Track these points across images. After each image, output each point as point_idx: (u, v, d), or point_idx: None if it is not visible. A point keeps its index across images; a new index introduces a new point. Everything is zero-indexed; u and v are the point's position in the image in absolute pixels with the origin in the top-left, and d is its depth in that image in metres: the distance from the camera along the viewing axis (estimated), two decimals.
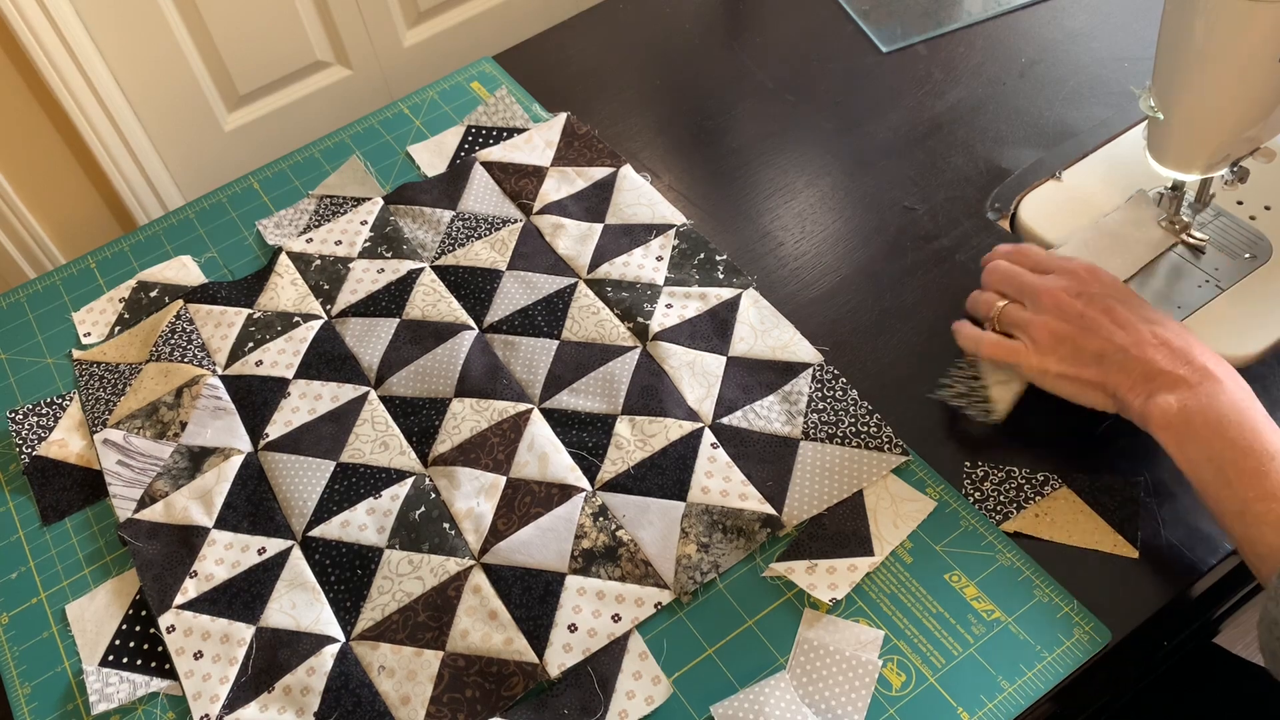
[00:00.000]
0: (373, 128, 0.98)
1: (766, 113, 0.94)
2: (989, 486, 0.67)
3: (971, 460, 0.68)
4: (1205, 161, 0.72)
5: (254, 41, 1.21)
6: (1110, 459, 0.67)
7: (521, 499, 0.69)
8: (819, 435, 0.70)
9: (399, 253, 0.86)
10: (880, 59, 0.97)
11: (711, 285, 0.80)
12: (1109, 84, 0.90)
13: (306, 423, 0.75)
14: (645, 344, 0.76)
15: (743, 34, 1.02)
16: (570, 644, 0.62)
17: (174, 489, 0.73)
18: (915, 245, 0.81)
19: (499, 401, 0.74)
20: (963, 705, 0.58)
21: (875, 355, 0.75)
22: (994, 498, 0.66)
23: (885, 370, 0.74)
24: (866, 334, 0.76)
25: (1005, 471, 0.67)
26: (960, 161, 0.87)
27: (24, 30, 1.03)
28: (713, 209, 0.86)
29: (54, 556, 0.72)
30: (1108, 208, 0.81)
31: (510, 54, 1.04)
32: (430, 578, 0.66)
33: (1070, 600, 0.61)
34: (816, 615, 0.62)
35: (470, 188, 0.90)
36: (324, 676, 0.63)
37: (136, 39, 1.13)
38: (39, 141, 1.13)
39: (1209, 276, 0.76)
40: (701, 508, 0.67)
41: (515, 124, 0.96)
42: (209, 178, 1.24)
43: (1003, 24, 0.98)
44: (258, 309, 0.84)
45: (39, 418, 0.79)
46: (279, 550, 0.69)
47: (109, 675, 0.65)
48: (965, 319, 0.71)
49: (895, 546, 0.65)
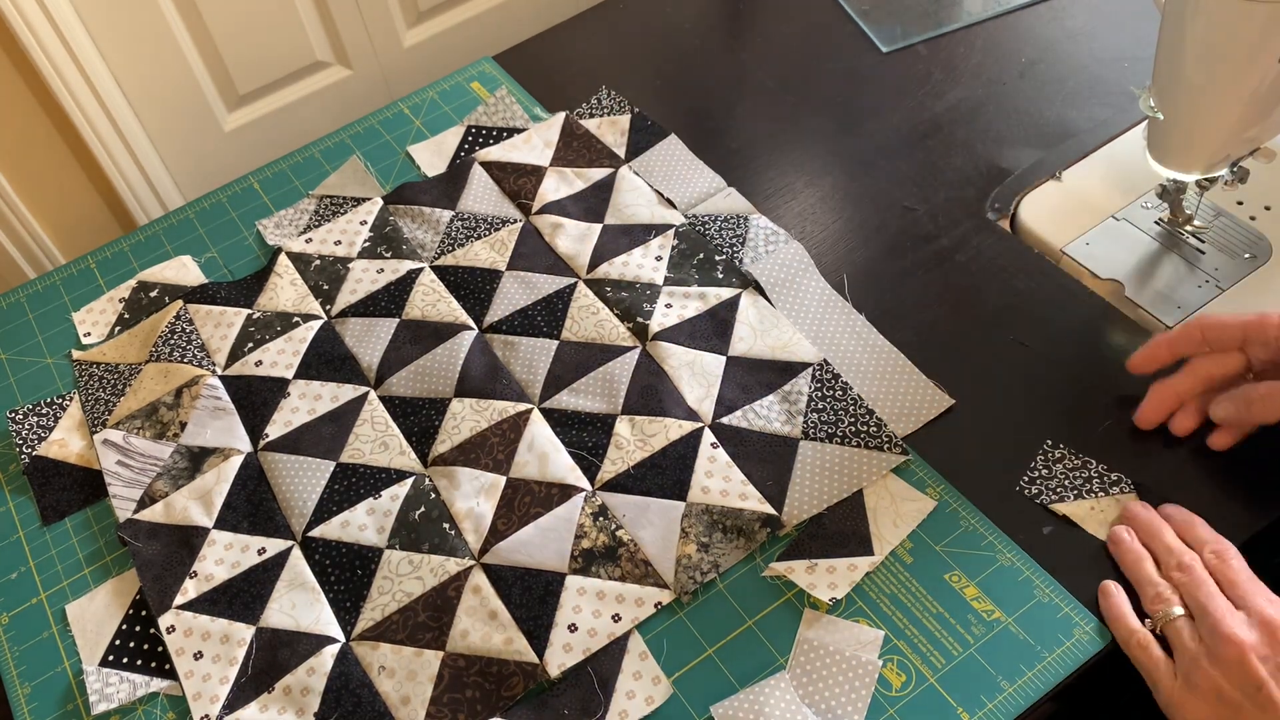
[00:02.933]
0: (373, 128, 0.98)
1: (766, 113, 0.94)
2: (1060, 468, 0.66)
3: (1054, 440, 0.68)
4: (1205, 161, 0.72)
5: (254, 41, 1.21)
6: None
7: (521, 499, 0.69)
8: (819, 435, 0.70)
9: (399, 253, 0.86)
10: (880, 59, 0.97)
11: (711, 285, 0.80)
12: (1109, 84, 0.90)
13: (306, 423, 0.75)
14: (645, 344, 0.76)
15: (743, 34, 1.02)
16: (570, 644, 0.62)
17: (174, 489, 0.73)
18: (915, 245, 0.81)
19: (499, 401, 0.74)
20: (963, 705, 0.58)
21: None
22: (1058, 479, 0.66)
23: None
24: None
25: (1083, 460, 0.67)
26: (960, 161, 0.87)
27: (24, 30, 1.03)
28: None
29: (54, 556, 0.72)
30: (1108, 208, 0.81)
31: (510, 54, 1.04)
32: (430, 578, 0.66)
33: (1070, 600, 0.61)
34: (816, 615, 0.62)
35: (469, 188, 0.90)
36: (324, 677, 0.63)
37: (136, 39, 1.13)
38: (39, 141, 1.13)
39: (1209, 276, 0.76)
40: (701, 508, 0.67)
41: (515, 124, 0.96)
42: (209, 178, 1.24)
43: (1003, 24, 0.98)
44: (257, 309, 0.84)
45: (39, 418, 0.79)
46: (279, 550, 0.69)
47: (109, 675, 0.65)
48: (1113, 581, 0.62)
49: (895, 546, 0.65)
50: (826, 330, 0.76)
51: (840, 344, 0.75)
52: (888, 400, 0.71)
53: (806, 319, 0.77)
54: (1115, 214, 0.80)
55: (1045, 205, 0.82)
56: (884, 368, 0.73)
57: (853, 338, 0.75)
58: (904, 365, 0.73)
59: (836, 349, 0.75)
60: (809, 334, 0.76)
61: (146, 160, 1.20)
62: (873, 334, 0.75)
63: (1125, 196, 0.81)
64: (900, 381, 0.72)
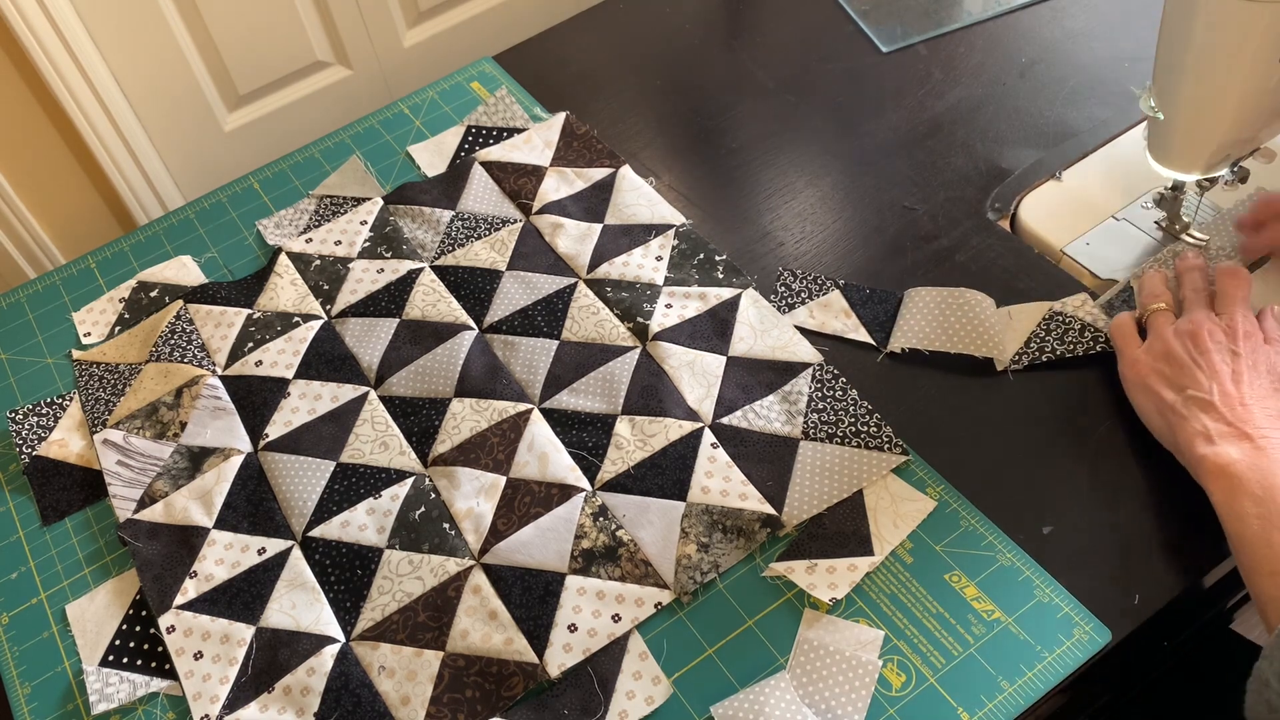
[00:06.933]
0: (373, 128, 0.98)
1: (766, 113, 0.94)
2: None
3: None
4: (1205, 161, 0.72)
5: (254, 41, 1.21)
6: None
7: (521, 499, 0.69)
8: (819, 435, 0.70)
9: (399, 253, 0.86)
10: (880, 59, 0.97)
11: (711, 285, 0.80)
12: (1109, 84, 0.90)
13: (306, 423, 0.75)
14: (645, 344, 0.76)
15: (743, 34, 1.02)
16: (570, 644, 0.62)
17: (174, 489, 0.73)
18: (915, 245, 0.81)
19: (499, 401, 0.74)
20: (963, 705, 0.58)
21: (875, 355, 0.75)
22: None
23: (885, 370, 0.74)
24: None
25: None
26: (960, 161, 0.87)
27: (24, 30, 1.03)
28: (713, 209, 0.86)
29: (54, 556, 0.72)
30: (1108, 208, 0.81)
31: (510, 54, 1.04)
32: (430, 578, 0.66)
33: (1070, 600, 0.61)
34: (816, 615, 0.62)
35: (470, 188, 0.90)
36: (324, 677, 0.63)
37: (136, 39, 1.13)
38: (39, 141, 1.13)
39: None
40: (701, 508, 0.67)
41: (515, 124, 0.96)
42: (209, 178, 1.24)
43: (1003, 24, 0.98)
44: (257, 309, 0.84)
45: (39, 418, 0.79)
46: (279, 550, 0.69)
47: (109, 675, 0.65)
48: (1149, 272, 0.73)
49: (895, 546, 0.65)
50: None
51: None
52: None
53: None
54: (1115, 214, 0.80)
55: (1045, 205, 0.82)
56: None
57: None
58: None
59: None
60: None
61: (146, 160, 1.20)
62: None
63: (1125, 197, 0.81)
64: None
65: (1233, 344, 0.64)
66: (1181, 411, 0.63)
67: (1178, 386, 0.64)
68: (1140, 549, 0.63)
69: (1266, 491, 0.57)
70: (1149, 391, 0.65)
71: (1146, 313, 0.70)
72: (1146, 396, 0.66)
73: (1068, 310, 0.73)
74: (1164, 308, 0.69)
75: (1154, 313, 0.69)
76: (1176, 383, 0.64)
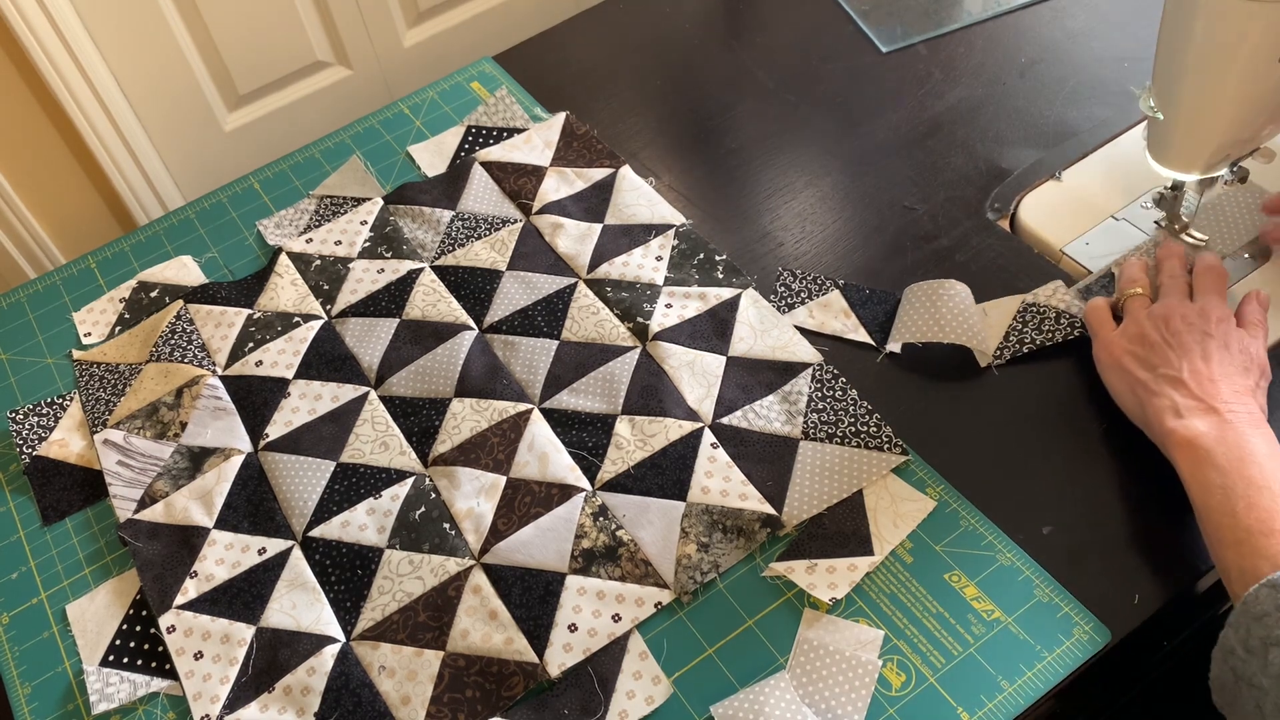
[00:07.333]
0: (373, 128, 0.98)
1: (766, 113, 0.94)
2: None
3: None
4: (1205, 161, 0.72)
5: (254, 41, 1.21)
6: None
7: (521, 499, 0.69)
8: (819, 435, 0.70)
9: (399, 253, 0.86)
10: (880, 59, 0.97)
11: (711, 285, 0.80)
12: (1109, 84, 0.90)
13: (306, 423, 0.76)
14: (645, 344, 0.76)
15: (743, 34, 1.02)
16: (570, 644, 0.62)
17: (174, 489, 0.73)
18: (915, 245, 0.81)
19: (499, 401, 0.74)
20: (963, 705, 0.58)
21: (875, 355, 0.75)
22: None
23: (885, 370, 0.74)
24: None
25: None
26: (960, 161, 0.87)
27: (24, 30, 1.03)
28: (713, 209, 0.86)
29: (54, 556, 0.72)
30: (1108, 208, 0.81)
31: (510, 54, 1.04)
32: (430, 578, 0.66)
33: (1070, 600, 0.61)
34: (816, 615, 0.62)
35: (470, 188, 0.90)
36: (324, 676, 0.63)
37: (136, 39, 1.13)
38: (39, 141, 1.13)
39: None
40: (701, 508, 0.67)
41: (515, 124, 0.96)
42: (209, 178, 1.24)
43: (1003, 24, 0.98)
44: (258, 309, 0.84)
45: (39, 418, 0.79)
46: (279, 550, 0.69)
47: (109, 675, 0.65)
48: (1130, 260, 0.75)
49: (895, 546, 0.65)
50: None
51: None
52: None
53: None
54: (1115, 214, 0.80)
55: (1045, 205, 0.82)
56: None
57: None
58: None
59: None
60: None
61: (146, 160, 1.20)
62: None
63: (1125, 196, 0.81)
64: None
65: (1205, 326, 0.65)
66: (1152, 388, 0.64)
67: (1150, 365, 0.65)
68: (1140, 549, 0.63)
69: (1231, 464, 0.58)
70: (1122, 371, 0.67)
71: (1124, 297, 0.71)
72: (1119, 376, 0.67)
73: (1040, 300, 0.74)
74: (1141, 293, 0.71)
75: (1130, 297, 0.71)
76: (1149, 362, 0.65)
